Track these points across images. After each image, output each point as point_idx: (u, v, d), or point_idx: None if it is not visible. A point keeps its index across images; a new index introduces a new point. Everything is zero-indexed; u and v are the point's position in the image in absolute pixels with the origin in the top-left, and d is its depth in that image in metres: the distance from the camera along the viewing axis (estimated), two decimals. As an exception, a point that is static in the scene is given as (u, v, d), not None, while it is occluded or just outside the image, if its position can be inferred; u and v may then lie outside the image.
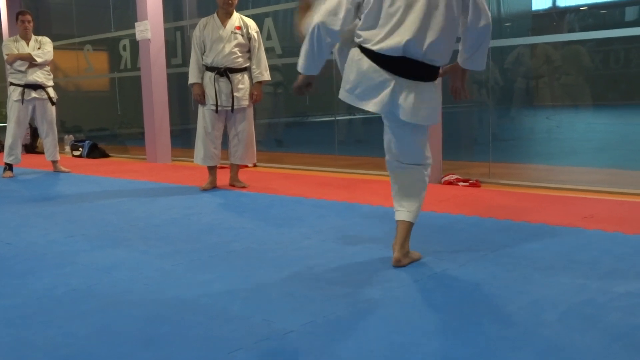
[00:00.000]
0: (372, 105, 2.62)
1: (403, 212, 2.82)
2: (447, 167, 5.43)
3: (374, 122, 7.35)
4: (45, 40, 6.74)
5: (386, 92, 2.58)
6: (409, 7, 2.51)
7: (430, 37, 2.52)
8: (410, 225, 2.81)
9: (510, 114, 6.65)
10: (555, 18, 6.67)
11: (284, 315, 2.23)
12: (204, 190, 5.11)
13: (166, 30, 7.73)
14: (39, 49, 6.59)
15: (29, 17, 6.61)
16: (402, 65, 2.56)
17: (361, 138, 7.70)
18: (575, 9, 6.52)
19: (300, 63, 2.76)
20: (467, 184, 5.07)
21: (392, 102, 2.60)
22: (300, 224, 3.74)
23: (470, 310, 2.23)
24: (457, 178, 5.16)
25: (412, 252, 2.83)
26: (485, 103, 6.01)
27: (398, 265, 2.75)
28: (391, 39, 2.53)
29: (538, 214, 3.83)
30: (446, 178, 5.21)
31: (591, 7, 6.43)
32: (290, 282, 2.61)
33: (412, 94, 2.58)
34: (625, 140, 6.20)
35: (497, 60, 5.86)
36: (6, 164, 6.66)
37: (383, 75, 2.58)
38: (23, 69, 6.50)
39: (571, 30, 6.15)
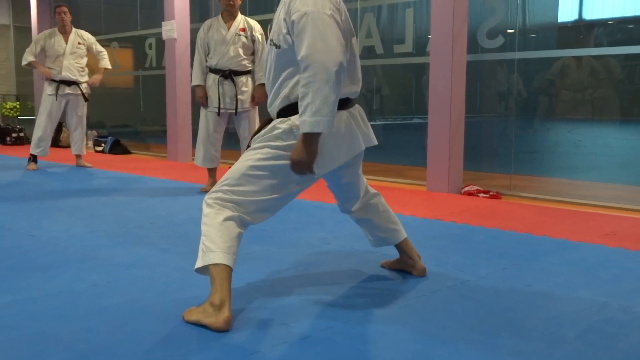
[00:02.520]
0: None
1: (400, 230, 2.78)
2: (467, 177, 5.40)
3: (395, 128, 7.36)
4: (90, 37, 6.84)
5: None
6: None
7: None
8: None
9: (533, 126, 6.59)
10: (582, 31, 6.61)
11: (302, 319, 2.23)
12: (204, 191, 5.13)
13: (192, 31, 7.78)
14: (79, 43, 6.68)
15: (65, 9, 6.69)
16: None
17: (381, 144, 7.67)
18: (602, 23, 6.46)
19: (329, 119, 2.07)
20: (487, 195, 5.04)
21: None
22: (319, 229, 3.74)
23: (488, 322, 2.21)
24: (477, 189, 5.14)
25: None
26: (508, 114, 5.98)
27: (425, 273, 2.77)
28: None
29: (559, 228, 3.80)
30: (466, 189, 5.19)
31: (618, 21, 6.37)
32: (308, 287, 2.62)
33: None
34: (650, 157, 6.12)
35: (523, 72, 5.82)
36: (32, 155, 6.73)
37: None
38: (60, 62, 6.62)
39: (598, 44, 6.09)
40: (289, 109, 2.24)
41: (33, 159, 6.76)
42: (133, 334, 2.09)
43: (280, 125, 2.25)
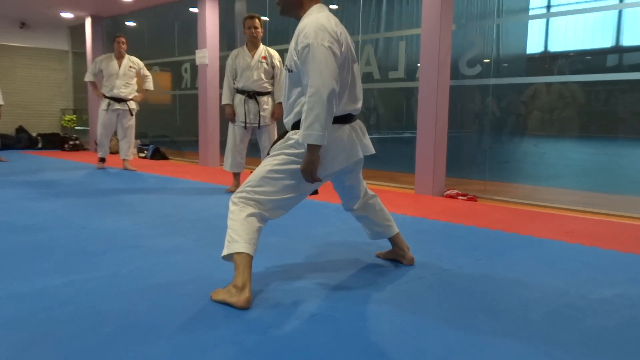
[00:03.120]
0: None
1: (393, 226, 2.77)
2: (449, 183, 5.39)
3: (388, 141, 7.34)
4: (139, 62, 6.97)
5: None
6: None
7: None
8: None
9: (504, 140, 6.57)
10: (547, 61, 6.59)
11: (310, 300, 2.23)
12: (230, 191, 5.16)
13: (221, 57, 7.80)
14: (130, 67, 6.76)
15: (123, 39, 6.83)
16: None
17: (377, 154, 7.66)
18: (564, 54, 6.44)
19: (319, 133, 2.09)
20: (465, 198, 5.03)
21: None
22: (325, 224, 3.74)
23: (466, 305, 2.21)
24: (457, 193, 5.12)
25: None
26: (484, 130, 5.97)
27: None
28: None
29: (526, 227, 3.78)
30: (448, 192, 5.18)
31: (578, 53, 6.35)
32: (315, 273, 2.61)
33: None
34: (602, 167, 6.09)
35: (497, 95, 5.81)
36: (100, 158, 7.10)
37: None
38: (113, 81, 6.76)
39: (561, 72, 6.08)
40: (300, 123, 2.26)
41: (100, 159, 7.09)
42: (169, 310, 2.09)
43: (293, 136, 2.27)
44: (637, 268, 2.78)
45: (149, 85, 6.97)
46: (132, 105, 6.87)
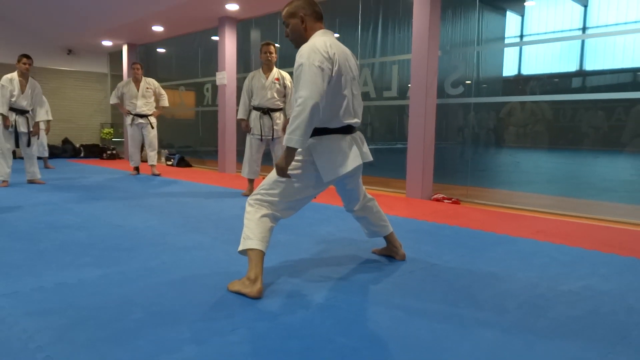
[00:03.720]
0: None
1: (388, 225, 2.73)
2: (435, 188, 5.36)
3: (383, 151, 7.32)
4: (155, 83, 6.96)
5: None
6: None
7: None
8: None
9: (483, 151, 6.55)
10: (520, 82, 6.57)
11: (315, 291, 2.21)
12: (245, 195, 5.15)
13: (238, 79, 7.81)
14: (147, 88, 6.78)
15: (139, 66, 6.90)
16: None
17: (373, 162, 7.63)
18: (536, 77, 6.41)
19: (299, 139, 2.05)
20: (450, 201, 5.00)
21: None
22: (327, 224, 3.72)
23: (451, 295, 2.18)
24: (443, 196, 5.09)
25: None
26: (466, 142, 5.94)
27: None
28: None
29: (502, 227, 3.75)
30: (435, 196, 5.15)
31: (548, 76, 6.33)
32: (319, 267, 2.60)
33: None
34: (569, 175, 6.06)
35: (477, 112, 5.79)
36: (132, 166, 7.14)
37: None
38: (135, 101, 6.77)
39: (532, 92, 6.05)
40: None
41: (134, 168, 7.13)
42: (192, 299, 2.08)
43: None
44: (600, 263, 2.75)
45: (164, 102, 7.03)
46: (152, 119, 6.95)
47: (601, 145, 5.63)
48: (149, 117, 6.88)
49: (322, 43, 2.16)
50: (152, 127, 6.93)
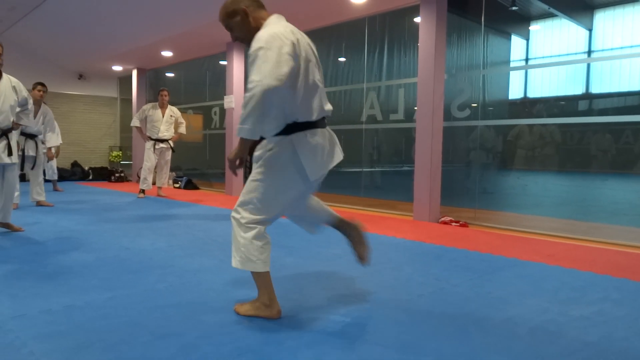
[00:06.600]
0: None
1: (332, 211, 2.46)
2: (443, 210, 5.35)
3: (390, 173, 7.33)
4: (178, 112, 7.23)
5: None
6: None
7: None
8: None
9: (491, 174, 6.55)
10: (526, 105, 6.61)
11: (322, 314, 2.19)
12: None
13: (245, 102, 7.90)
14: (171, 116, 7.06)
15: (166, 93, 7.10)
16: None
17: (379, 185, 7.65)
18: (542, 100, 6.45)
19: (250, 128, 1.87)
20: (458, 224, 4.97)
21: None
22: (334, 246, 3.70)
23: (459, 319, 2.16)
24: (450, 219, 5.07)
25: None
26: (473, 165, 5.95)
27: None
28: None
29: (511, 250, 3.73)
30: (442, 219, 5.13)
31: (554, 99, 6.36)
32: (327, 290, 2.58)
33: None
34: (578, 198, 6.03)
35: (482, 135, 5.81)
36: (140, 189, 7.11)
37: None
38: (158, 126, 7.01)
39: (538, 115, 6.08)
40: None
41: (142, 191, 7.13)
42: (198, 321, 2.07)
43: (269, 145, 2.09)
44: (611, 288, 2.71)
45: (183, 130, 7.25)
46: (172, 144, 7.13)
47: (610, 168, 5.61)
48: (169, 141, 7.10)
49: (283, 29, 1.94)
50: (173, 151, 7.16)
